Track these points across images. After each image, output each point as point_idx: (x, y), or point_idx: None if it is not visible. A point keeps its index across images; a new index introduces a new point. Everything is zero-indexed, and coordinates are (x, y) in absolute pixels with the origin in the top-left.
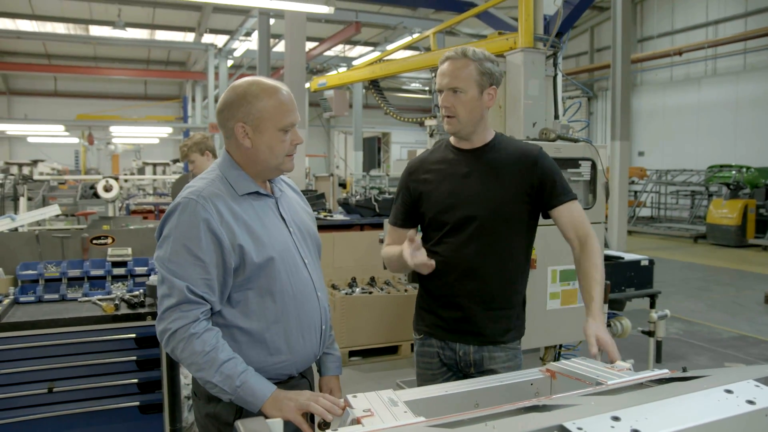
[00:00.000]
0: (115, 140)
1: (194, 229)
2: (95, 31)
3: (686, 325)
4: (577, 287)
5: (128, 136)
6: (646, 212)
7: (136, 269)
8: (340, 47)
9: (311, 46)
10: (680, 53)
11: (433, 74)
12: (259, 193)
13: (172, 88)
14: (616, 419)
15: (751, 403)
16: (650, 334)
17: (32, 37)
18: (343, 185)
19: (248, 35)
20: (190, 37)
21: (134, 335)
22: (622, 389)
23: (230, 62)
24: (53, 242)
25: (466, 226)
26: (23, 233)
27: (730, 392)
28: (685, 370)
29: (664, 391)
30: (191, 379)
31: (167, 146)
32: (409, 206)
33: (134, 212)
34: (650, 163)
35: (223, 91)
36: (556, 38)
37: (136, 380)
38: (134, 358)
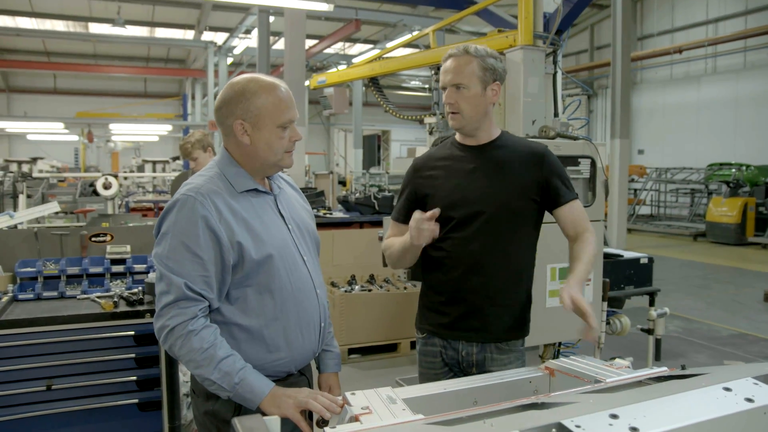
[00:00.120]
0: (114, 138)
1: (192, 226)
2: (95, 28)
3: (685, 323)
4: None
5: (128, 133)
6: (645, 210)
7: (134, 266)
8: (339, 45)
9: (311, 43)
10: (680, 51)
11: (432, 72)
12: (257, 190)
13: (171, 85)
14: (614, 417)
15: (749, 401)
16: (649, 332)
17: (32, 34)
18: (342, 183)
19: (248, 33)
20: (189, 34)
21: (133, 332)
22: (620, 387)
23: (230, 60)
24: (52, 239)
25: (471, 221)
26: (22, 231)
27: (728, 390)
28: (684, 368)
29: (662, 389)
30: (190, 376)
31: (167, 144)
32: (413, 202)
33: (134, 210)
34: (650, 161)
35: (222, 88)
36: (555, 36)
37: (134, 377)
38: (133, 355)
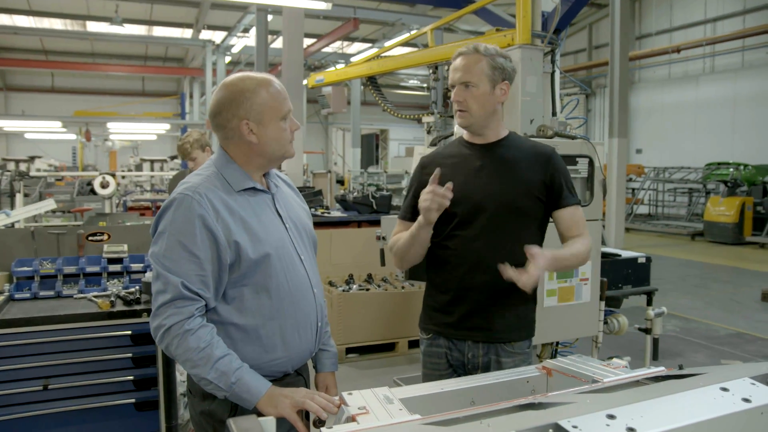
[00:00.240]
0: (112, 137)
1: (189, 225)
2: (92, 27)
3: (683, 322)
4: (573, 284)
5: (126, 132)
6: (643, 209)
7: (131, 266)
8: (338, 44)
9: (309, 42)
10: (678, 51)
11: (431, 71)
12: (255, 188)
13: (169, 84)
14: (611, 417)
15: (746, 401)
16: (647, 331)
17: (29, 33)
18: (340, 182)
19: (246, 32)
20: (187, 33)
21: (130, 332)
22: (618, 387)
23: (228, 58)
24: (49, 239)
25: (476, 218)
26: (18, 229)
27: (725, 390)
28: (681, 367)
29: (659, 389)
30: (187, 376)
31: (165, 143)
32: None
33: (131, 209)
34: (648, 160)
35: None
36: (554, 35)
37: (131, 377)
38: (130, 354)
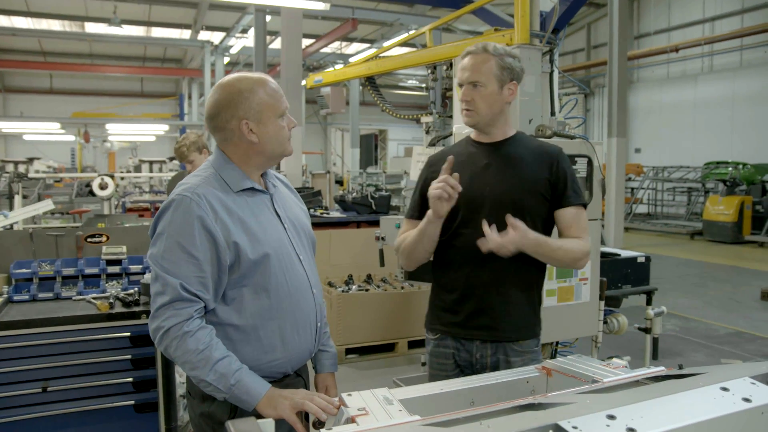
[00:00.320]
0: (111, 138)
1: (188, 226)
2: (91, 28)
3: (683, 321)
4: (573, 284)
5: (124, 133)
6: (642, 209)
7: (130, 267)
8: (336, 44)
9: (307, 43)
10: (677, 50)
11: (429, 71)
12: (254, 189)
13: (168, 85)
14: (611, 418)
15: (747, 400)
16: (647, 330)
17: (28, 34)
18: (339, 182)
19: (244, 32)
20: (186, 34)
21: (129, 334)
22: (618, 387)
23: (227, 59)
24: (47, 240)
25: (481, 216)
26: (17, 231)
27: (726, 390)
28: (681, 367)
29: (659, 389)
30: (186, 377)
31: (164, 144)
32: (426, 199)
33: (130, 210)
34: (647, 159)
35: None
36: (552, 35)
37: (131, 379)
38: (129, 356)
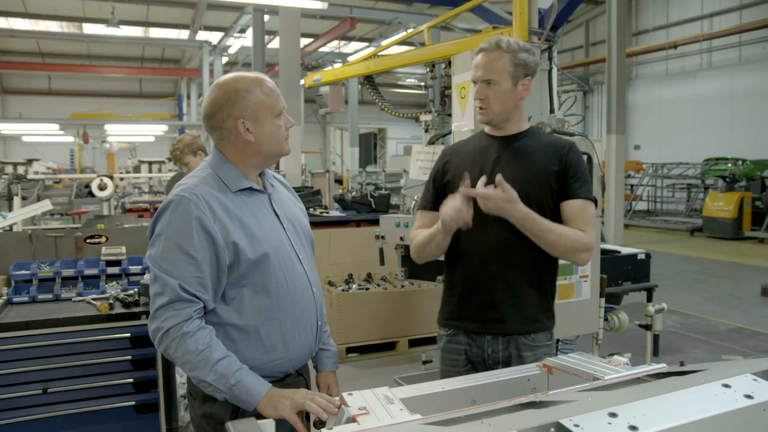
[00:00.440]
0: (110, 139)
1: (186, 227)
2: (89, 29)
3: (683, 318)
4: (573, 282)
5: (123, 134)
6: (642, 206)
7: (130, 268)
8: (335, 43)
9: (306, 42)
10: (675, 46)
11: (428, 69)
12: (252, 189)
13: (167, 85)
14: (613, 415)
15: (749, 397)
16: (647, 327)
17: (25, 35)
18: (339, 182)
19: (243, 32)
20: (184, 34)
21: (129, 334)
22: (619, 384)
23: (225, 59)
24: (46, 242)
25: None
26: (16, 233)
27: (728, 387)
28: (682, 364)
29: (661, 386)
30: (187, 378)
31: (163, 144)
32: (439, 189)
33: (130, 210)
34: (646, 156)
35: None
36: (551, 32)
37: (131, 380)
38: (129, 357)
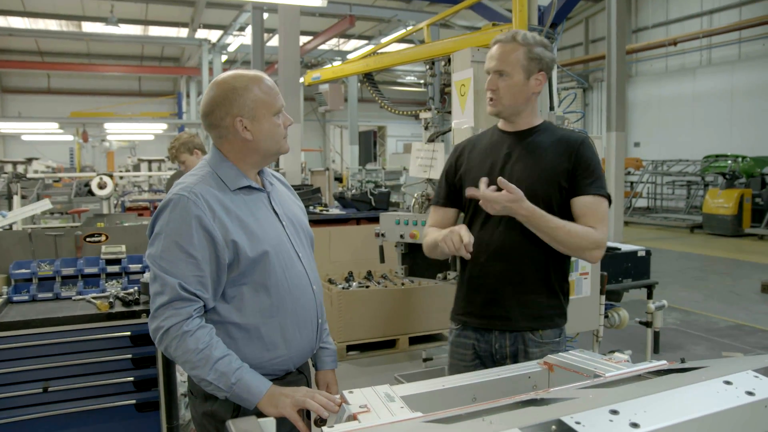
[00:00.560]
0: (109, 137)
1: (186, 225)
2: (88, 27)
3: (683, 314)
4: (574, 279)
5: (123, 132)
6: (642, 203)
7: (130, 266)
8: (334, 41)
9: (305, 40)
10: (675, 43)
11: (427, 66)
12: (251, 187)
13: (166, 84)
14: (614, 413)
15: (750, 394)
16: (648, 324)
17: (24, 34)
18: (339, 179)
19: (242, 30)
20: (183, 32)
21: (129, 333)
22: (620, 381)
23: (224, 57)
24: (46, 240)
25: None
26: (16, 232)
27: (729, 383)
28: (683, 361)
29: (662, 383)
30: (187, 376)
31: (162, 142)
32: (451, 185)
33: (129, 209)
34: (646, 153)
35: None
36: (550, 29)
37: (131, 378)
38: (130, 356)
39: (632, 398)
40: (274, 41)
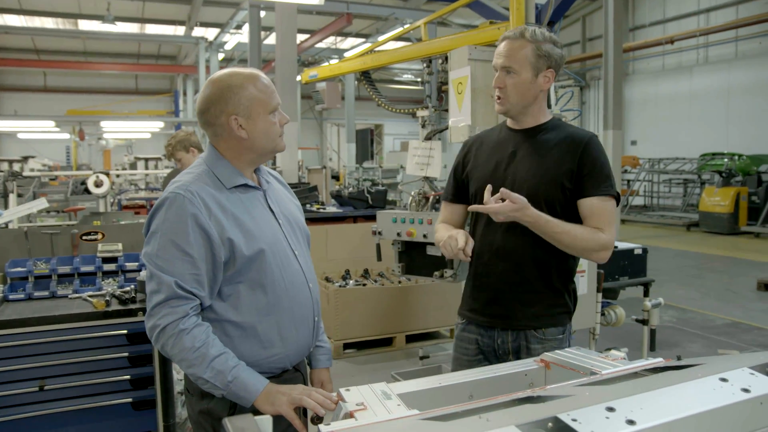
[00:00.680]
0: (106, 135)
1: (182, 224)
2: (84, 25)
3: (680, 312)
4: None
5: (119, 131)
6: (639, 201)
7: (126, 265)
8: (331, 39)
9: (302, 38)
10: (672, 42)
11: (424, 65)
12: (247, 185)
13: (163, 82)
14: (610, 410)
15: (746, 391)
16: (644, 322)
17: (20, 32)
18: (336, 177)
19: (239, 28)
20: (180, 30)
21: (125, 331)
22: (616, 379)
23: (221, 55)
24: (42, 239)
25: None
26: (12, 230)
27: (725, 381)
28: (679, 358)
29: (658, 380)
30: (184, 375)
31: (159, 141)
32: (459, 181)
33: (126, 207)
34: (643, 151)
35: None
36: (548, 27)
37: (128, 376)
38: (126, 354)
39: (628, 395)
40: (271, 39)
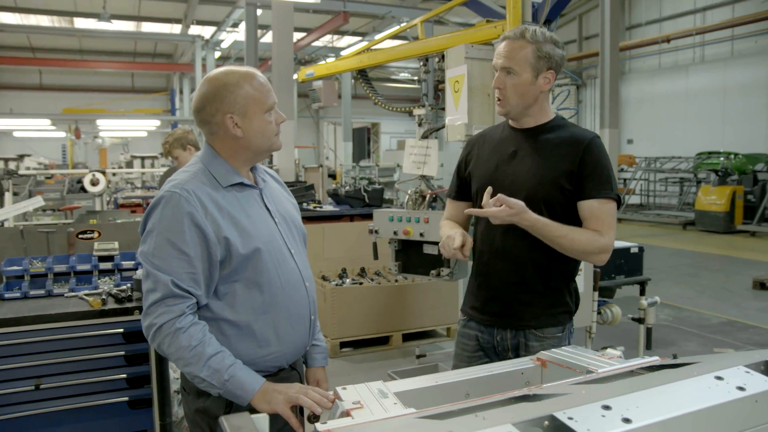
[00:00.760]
0: (102, 134)
1: (178, 222)
2: (80, 23)
3: (676, 311)
4: None
5: (116, 129)
6: (635, 200)
7: (123, 263)
8: (328, 37)
9: (299, 36)
10: (668, 40)
11: (421, 63)
12: (243, 184)
13: (159, 80)
14: (606, 408)
15: (741, 389)
16: (640, 321)
17: (16, 30)
18: (332, 176)
19: (235, 26)
20: (176, 28)
21: (122, 330)
22: (612, 377)
23: (218, 54)
24: (38, 237)
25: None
26: (7, 228)
27: (720, 379)
28: (675, 356)
29: (654, 378)
30: (180, 373)
31: (155, 139)
32: (462, 179)
33: (122, 206)
34: (639, 150)
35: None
36: (544, 26)
37: (124, 375)
38: (122, 353)
39: (624, 394)
40: (267, 38)
